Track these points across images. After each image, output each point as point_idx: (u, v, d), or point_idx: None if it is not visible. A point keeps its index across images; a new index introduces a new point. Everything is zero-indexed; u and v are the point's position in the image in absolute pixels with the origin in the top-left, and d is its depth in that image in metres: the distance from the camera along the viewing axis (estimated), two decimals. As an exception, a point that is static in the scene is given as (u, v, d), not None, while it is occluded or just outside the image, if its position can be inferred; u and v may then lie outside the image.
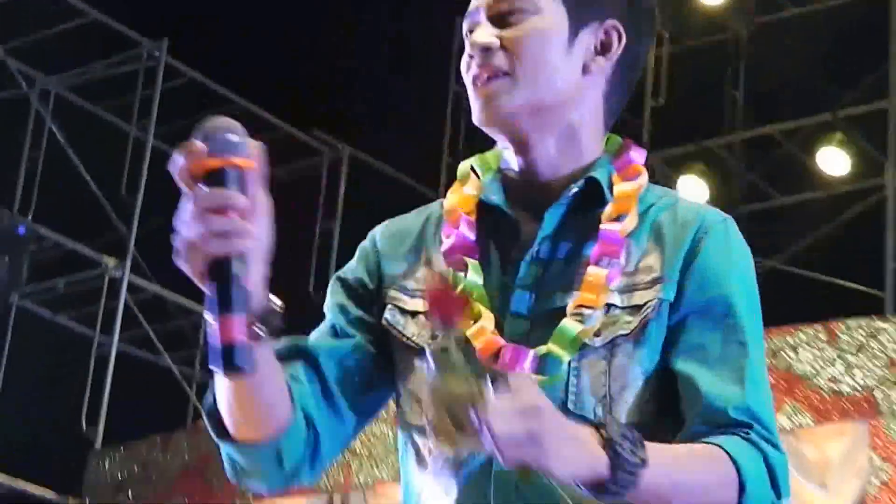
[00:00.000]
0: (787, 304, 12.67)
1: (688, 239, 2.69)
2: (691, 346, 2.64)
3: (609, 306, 2.62)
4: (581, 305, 2.61)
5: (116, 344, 13.95)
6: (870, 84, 13.67)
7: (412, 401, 2.73)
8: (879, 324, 10.49)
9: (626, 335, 2.61)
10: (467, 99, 11.42)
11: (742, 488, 2.51)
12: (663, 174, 14.19)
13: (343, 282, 2.85)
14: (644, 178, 2.77)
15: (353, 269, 2.85)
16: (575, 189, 2.73)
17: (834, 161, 13.79)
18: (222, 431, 2.59)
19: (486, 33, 2.73)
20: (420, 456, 2.73)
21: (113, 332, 13.93)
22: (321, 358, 2.77)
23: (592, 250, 2.66)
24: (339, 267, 11.58)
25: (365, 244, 2.85)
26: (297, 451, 2.66)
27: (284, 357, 2.71)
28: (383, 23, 15.32)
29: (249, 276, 2.32)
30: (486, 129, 2.81)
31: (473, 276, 2.69)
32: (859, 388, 10.23)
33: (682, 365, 2.63)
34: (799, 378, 10.03)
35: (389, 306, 2.77)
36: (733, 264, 2.75)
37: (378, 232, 2.87)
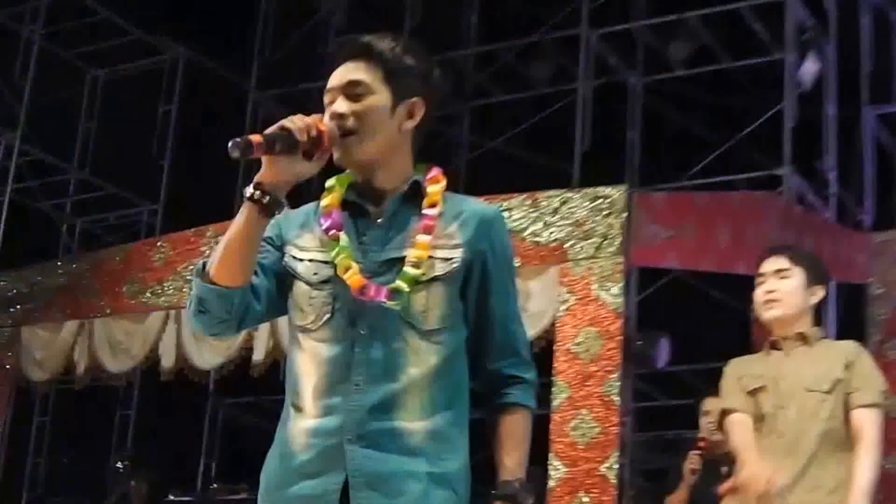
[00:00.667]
0: (503, 176, 12.98)
1: (477, 221, 3.28)
2: (496, 303, 3.30)
3: (430, 257, 3.18)
4: (415, 258, 3.17)
5: (9, 194, 13.96)
6: (568, 14, 13.79)
7: (297, 309, 3.24)
8: (568, 194, 10.79)
9: (441, 276, 3.19)
10: (275, 17, 11.24)
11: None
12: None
13: (265, 239, 3.24)
14: (444, 183, 3.32)
15: (269, 232, 3.24)
16: (405, 188, 3.28)
17: (541, 70, 14.08)
18: (207, 279, 3.14)
19: (342, 105, 3.21)
20: (300, 345, 3.23)
21: (7, 185, 13.95)
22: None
23: (418, 224, 3.23)
24: (175, 140, 11.39)
25: (273, 222, 3.21)
26: (239, 309, 3.18)
27: None
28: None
29: (282, 169, 3.07)
30: (342, 166, 3.27)
31: (343, 241, 3.21)
32: (553, 241, 10.56)
33: (493, 313, 3.30)
34: (512, 231, 10.27)
35: (287, 255, 3.28)
36: (509, 243, 3.39)
37: (280, 216, 3.24)
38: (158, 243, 12.31)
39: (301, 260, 3.25)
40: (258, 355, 11.50)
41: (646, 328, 11.20)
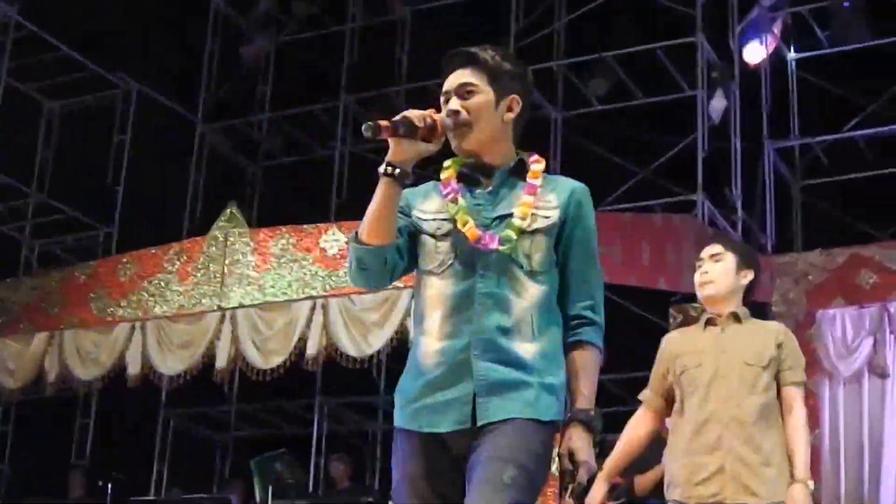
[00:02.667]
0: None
1: (569, 192, 3.84)
2: (578, 257, 3.85)
3: (533, 214, 3.76)
4: (521, 214, 3.76)
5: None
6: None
7: (425, 257, 3.83)
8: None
9: (541, 228, 3.77)
10: (220, 57, 11.61)
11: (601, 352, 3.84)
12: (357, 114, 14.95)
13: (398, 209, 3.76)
14: (543, 163, 3.87)
15: (401, 202, 3.76)
16: (512, 163, 3.85)
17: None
18: (360, 242, 3.70)
19: (455, 103, 3.76)
20: (427, 285, 3.81)
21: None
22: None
23: (523, 190, 3.80)
24: (130, 165, 11.66)
25: (402, 194, 3.74)
26: (391, 263, 3.76)
27: None
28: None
29: (406, 149, 3.59)
30: (457, 151, 3.80)
31: (462, 202, 3.78)
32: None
33: (575, 265, 3.85)
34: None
35: (415, 217, 3.85)
36: (592, 211, 3.90)
37: (408, 191, 3.80)
38: (124, 259, 12.53)
39: (426, 220, 3.82)
40: (220, 363, 11.77)
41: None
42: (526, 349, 3.68)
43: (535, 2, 14.72)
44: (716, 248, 5.80)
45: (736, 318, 5.72)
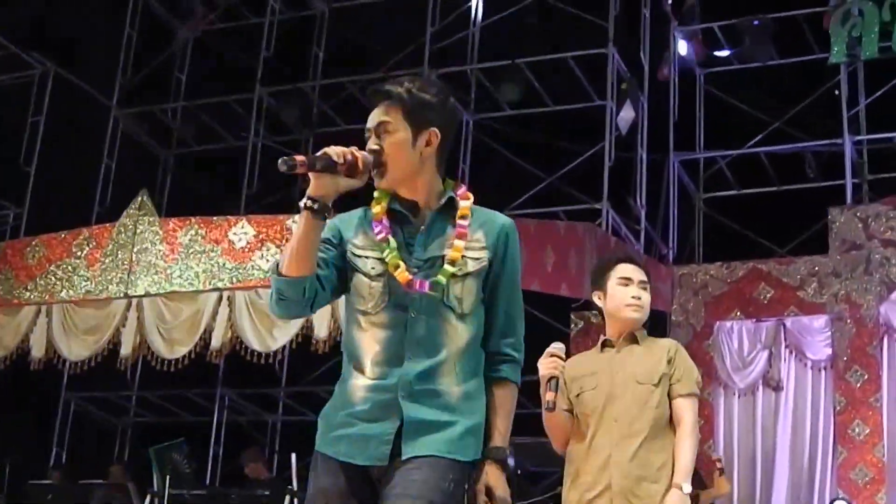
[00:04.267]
0: (349, 206, 13.49)
1: (497, 230, 3.89)
2: (503, 294, 3.91)
3: (463, 257, 3.80)
4: (452, 258, 3.80)
5: None
6: (410, 53, 14.43)
7: (358, 296, 3.85)
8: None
9: (471, 272, 3.82)
10: (137, 42, 11.63)
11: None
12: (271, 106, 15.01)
13: (326, 240, 3.81)
14: (471, 199, 3.91)
15: (328, 234, 3.81)
16: (443, 201, 3.85)
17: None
18: (280, 274, 3.69)
19: (373, 143, 3.74)
20: (360, 324, 3.84)
21: None
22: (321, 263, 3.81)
23: (453, 231, 3.83)
24: (43, 147, 11.66)
25: (331, 224, 3.81)
26: (310, 293, 3.75)
27: None
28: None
29: (326, 184, 3.57)
30: (382, 189, 3.81)
31: (392, 244, 3.80)
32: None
33: (500, 302, 3.91)
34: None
35: (349, 252, 3.84)
36: (518, 247, 3.97)
37: (337, 218, 3.84)
38: (33, 242, 12.46)
39: (360, 256, 3.83)
40: (125, 350, 11.73)
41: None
42: (452, 391, 3.78)
43: (452, 5, 14.84)
44: (643, 275, 5.86)
45: (633, 338, 5.80)
